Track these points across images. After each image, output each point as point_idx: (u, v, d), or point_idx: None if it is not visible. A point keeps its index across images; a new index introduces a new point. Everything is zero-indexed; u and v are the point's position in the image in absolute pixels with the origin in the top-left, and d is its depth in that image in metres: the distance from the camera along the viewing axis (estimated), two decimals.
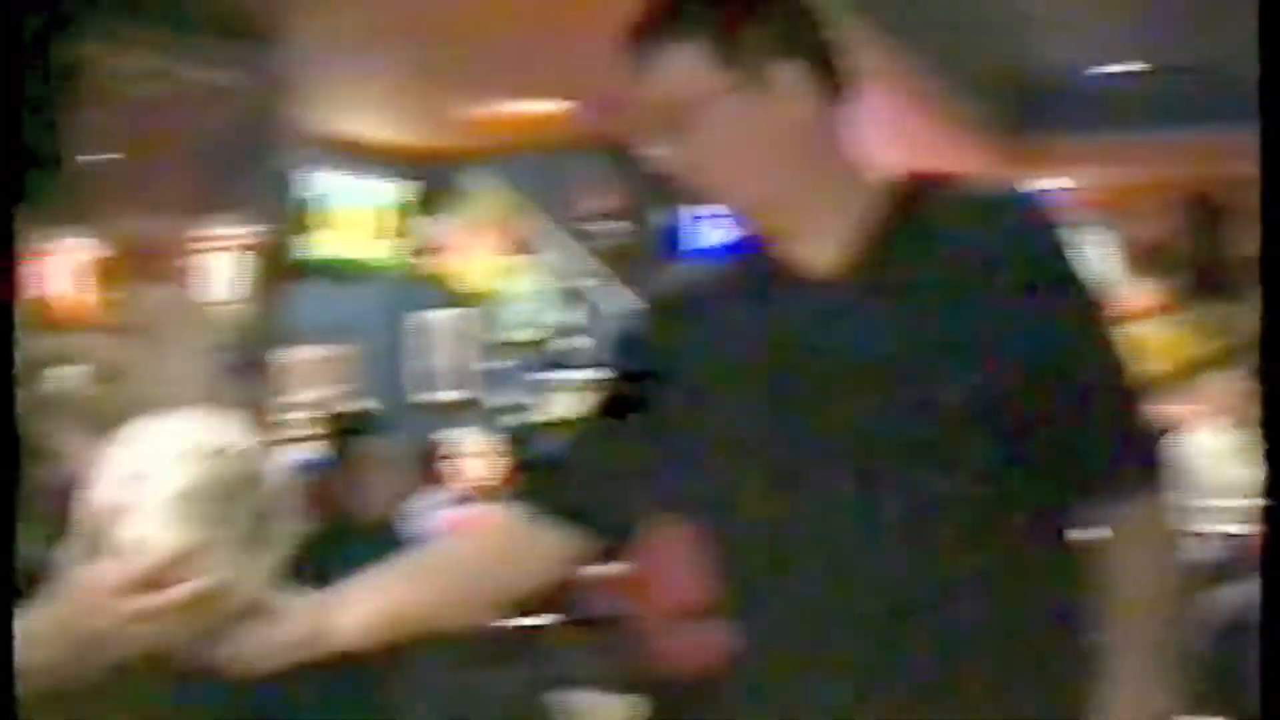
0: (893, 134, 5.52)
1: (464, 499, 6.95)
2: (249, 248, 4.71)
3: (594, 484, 2.00)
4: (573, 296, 8.06)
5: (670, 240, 7.80)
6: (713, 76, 1.78)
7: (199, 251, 4.57)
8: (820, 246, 1.82)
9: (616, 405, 2.04)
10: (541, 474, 2.14)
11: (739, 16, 1.80)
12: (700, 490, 1.91)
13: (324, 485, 4.69)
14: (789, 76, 1.78)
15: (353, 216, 7.82)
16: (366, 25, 5.38)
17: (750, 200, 1.86)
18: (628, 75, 1.86)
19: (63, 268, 4.30)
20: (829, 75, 1.82)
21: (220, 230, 4.64)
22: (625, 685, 5.21)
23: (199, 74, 4.42)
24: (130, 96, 4.14)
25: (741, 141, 1.80)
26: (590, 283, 8.00)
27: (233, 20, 4.53)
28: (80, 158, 3.86)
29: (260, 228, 4.75)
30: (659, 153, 1.85)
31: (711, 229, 7.75)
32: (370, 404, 5.53)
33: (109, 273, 4.37)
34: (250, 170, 4.71)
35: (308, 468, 4.95)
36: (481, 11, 5.45)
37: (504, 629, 5.26)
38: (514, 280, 8.23)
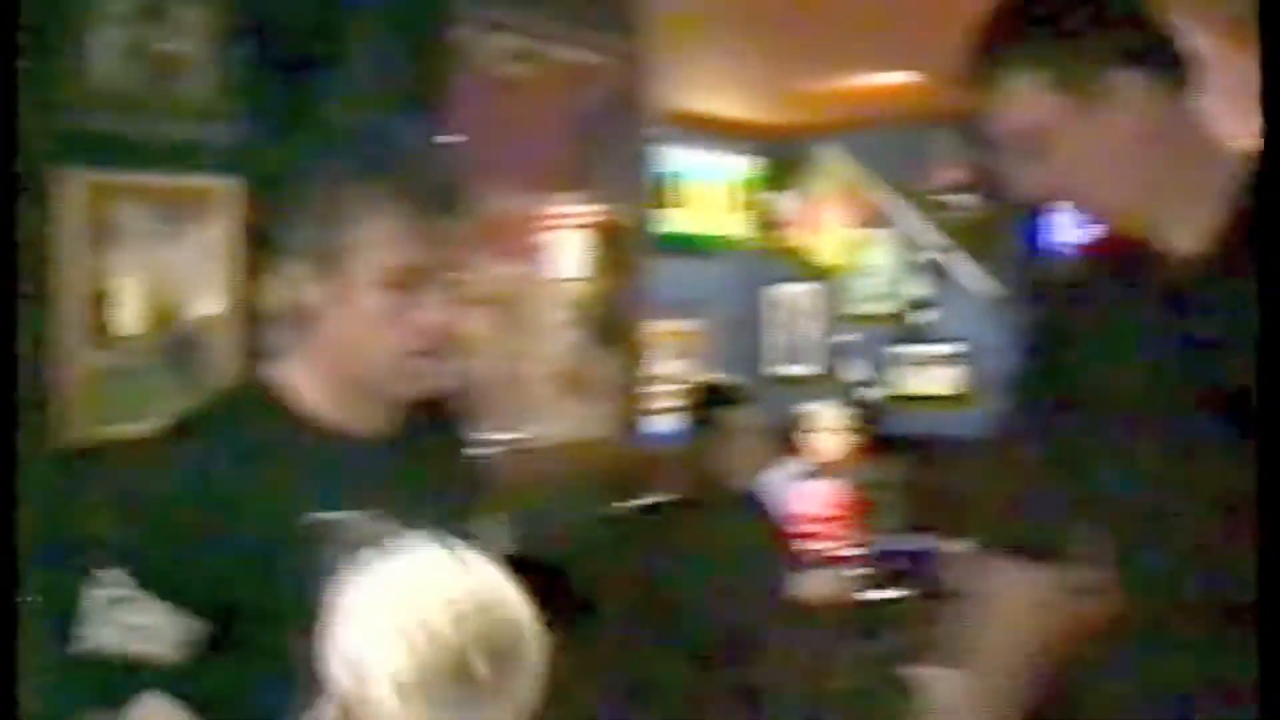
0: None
1: (817, 472, 6.97)
2: (605, 224, 4.80)
3: (1036, 507, 2.05)
4: (925, 270, 7.99)
5: (1024, 213, 7.66)
6: (1053, 100, 1.80)
7: (555, 228, 4.68)
8: (1184, 229, 1.81)
9: (1025, 387, 2.07)
10: (992, 507, 2.16)
11: (1071, 39, 1.80)
12: (1105, 479, 1.92)
13: (686, 456, 4.77)
14: (1130, 85, 1.78)
15: (706, 192, 7.91)
16: (720, 2, 5.43)
17: (1109, 208, 1.88)
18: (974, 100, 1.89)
19: None
20: (1171, 70, 1.81)
21: (577, 207, 4.74)
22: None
23: (564, 54, 4.53)
24: (498, 77, 4.26)
25: (1092, 158, 1.81)
26: (943, 256, 7.92)
27: (596, 1, 4.64)
28: (444, 137, 3.99)
29: (617, 204, 4.84)
30: (1015, 172, 1.87)
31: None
32: (729, 376, 5.57)
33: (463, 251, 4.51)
34: (609, 148, 4.80)
35: (670, 439, 5.04)
36: None
37: (862, 601, 5.27)
38: (866, 254, 8.21)
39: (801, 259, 8.31)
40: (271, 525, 1.91)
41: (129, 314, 3.29)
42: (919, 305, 8.02)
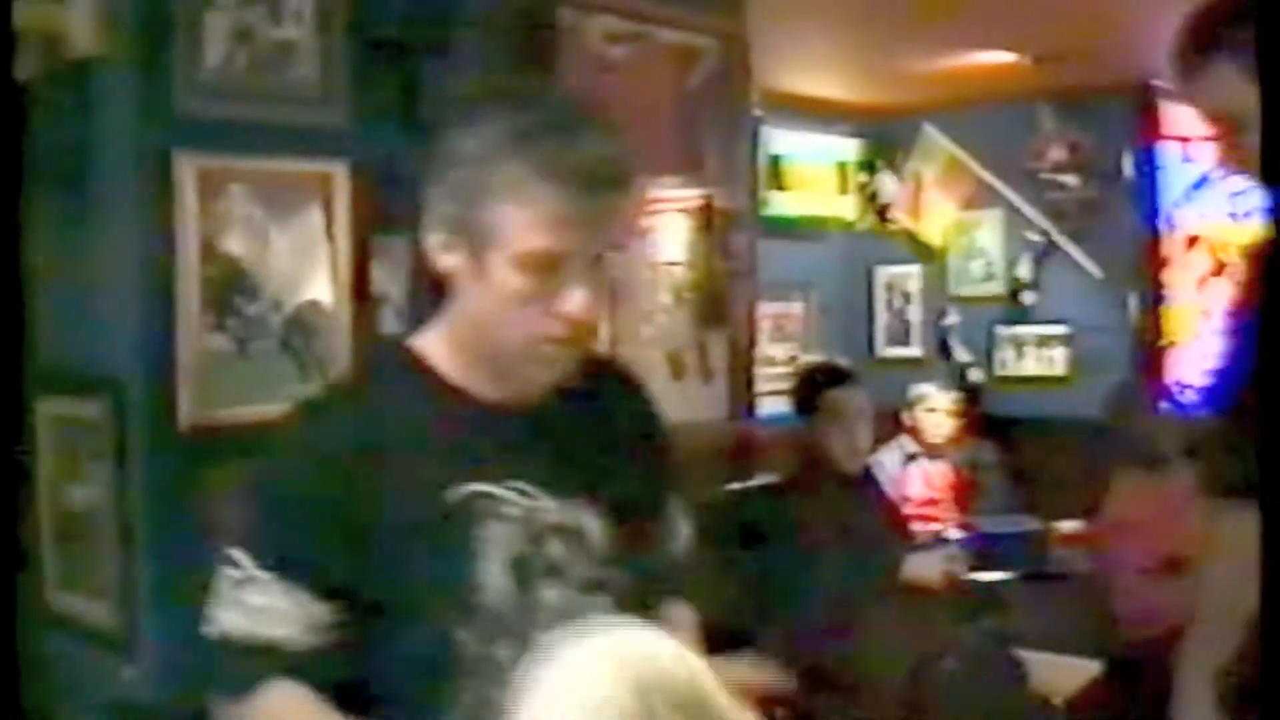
0: None
1: (924, 453, 6.94)
2: (711, 207, 4.79)
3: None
4: (1030, 251, 7.93)
5: (1131, 192, 7.59)
6: (1249, 90, 1.98)
7: (661, 212, 4.67)
8: None
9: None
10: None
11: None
12: None
13: (795, 438, 4.76)
14: None
15: (811, 173, 7.90)
16: None
17: None
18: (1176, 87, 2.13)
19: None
20: None
21: (682, 190, 4.73)
22: (1083, 644, 5.13)
23: (667, 36, 4.53)
24: (601, 59, 4.27)
25: None
26: (1048, 237, 7.85)
27: None
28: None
29: (722, 187, 4.83)
30: (1214, 151, 2.13)
31: (1179, 179, 7.52)
32: (836, 358, 5.57)
33: None
34: (713, 130, 4.80)
35: (778, 421, 5.04)
36: None
37: (969, 583, 5.24)
38: (971, 235, 8.15)
39: (908, 240, 8.27)
40: (415, 498, 1.83)
41: (243, 298, 3.33)
42: (1024, 286, 7.95)
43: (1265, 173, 1.88)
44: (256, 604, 1.82)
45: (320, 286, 3.45)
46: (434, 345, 1.95)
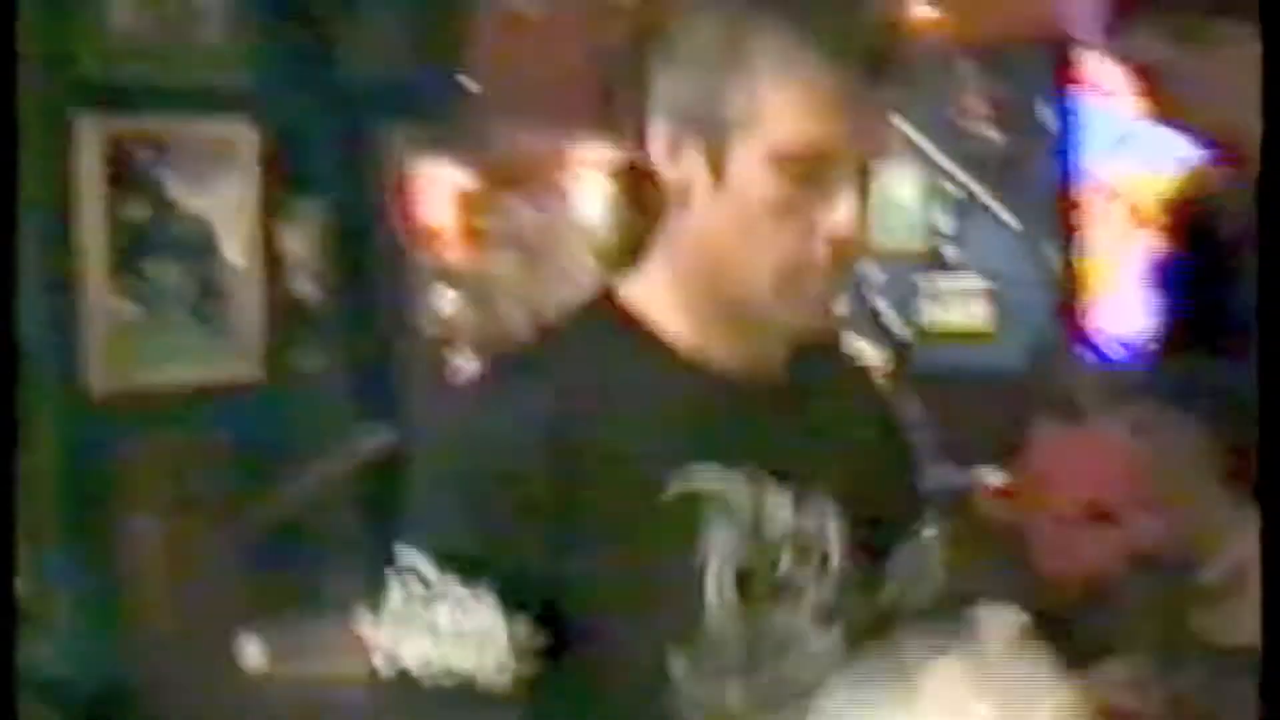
0: None
1: None
2: (631, 166, 4.77)
3: None
4: (950, 204, 7.94)
5: (1049, 145, 7.62)
6: (1169, 45, 2.05)
7: (580, 170, 4.65)
8: None
9: None
10: None
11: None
12: None
13: None
14: (1237, 31, 1.97)
15: None
16: None
17: (1222, 129, 2.10)
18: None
19: (443, 190, 4.43)
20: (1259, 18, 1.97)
21: (599, 150, 4.71)
22: (1010, 592, 5.16)
23: None
24: (518, 16, 4.24)
25: (1205, 90, 2.06)
26: (969, 190, 7.87)
27: None
28: (466, 77, 3.96)
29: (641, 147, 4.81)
30: (1134, 105, 2.18)
31: (1099, 132, 7.55)
32: None
33: (487, 195, 4.48)
34: (632, 89, 4.77)
35: None
36: None
37: None
38: (892, 186, 8.14)
39: None
40: (628, 492, 1.42)
41: (150, 262, 3.29)
42: (944, 239, 7.97)
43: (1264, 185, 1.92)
44: (450, 626, 1.39)
45: (230, 249, 3.41)
46: (651, 294, 1.53)
